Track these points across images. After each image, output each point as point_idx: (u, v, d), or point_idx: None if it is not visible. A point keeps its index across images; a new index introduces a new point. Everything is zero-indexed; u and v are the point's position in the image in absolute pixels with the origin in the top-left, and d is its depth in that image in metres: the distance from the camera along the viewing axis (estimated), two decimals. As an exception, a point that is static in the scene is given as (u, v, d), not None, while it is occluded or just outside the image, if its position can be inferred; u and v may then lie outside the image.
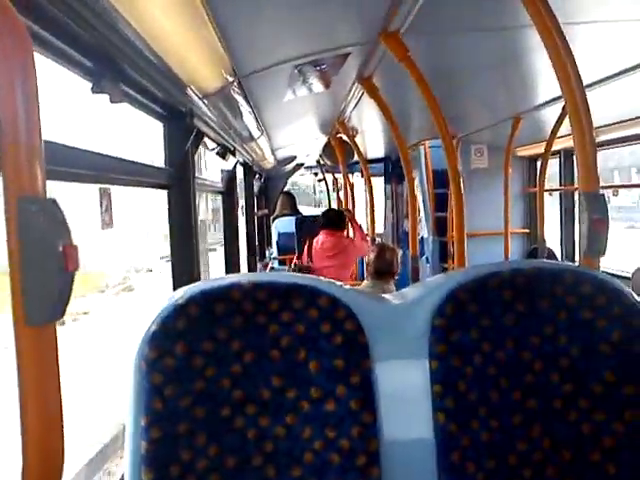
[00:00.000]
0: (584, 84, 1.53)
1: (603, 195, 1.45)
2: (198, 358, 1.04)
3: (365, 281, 3.41)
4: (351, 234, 5.13)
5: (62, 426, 0.80)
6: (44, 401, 0.77)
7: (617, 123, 3.65)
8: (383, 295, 1.21)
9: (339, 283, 1.16)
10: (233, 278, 1.10)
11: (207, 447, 1.03)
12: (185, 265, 2.05)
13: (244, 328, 1.06)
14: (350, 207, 6.19)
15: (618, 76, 2.65)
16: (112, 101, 1.47)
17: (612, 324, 1.08)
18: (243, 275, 1.13)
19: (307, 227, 6.31)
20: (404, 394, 1.08)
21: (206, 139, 2.71)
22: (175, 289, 1.14)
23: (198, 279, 2.06)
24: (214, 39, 1.71)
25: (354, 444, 1.05)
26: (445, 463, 1.06)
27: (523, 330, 1.09)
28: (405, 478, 1.07)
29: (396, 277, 3.29)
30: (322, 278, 1.16)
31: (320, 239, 4.69)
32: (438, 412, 1.07)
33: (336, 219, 4.72)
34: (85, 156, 1.34)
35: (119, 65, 1.42)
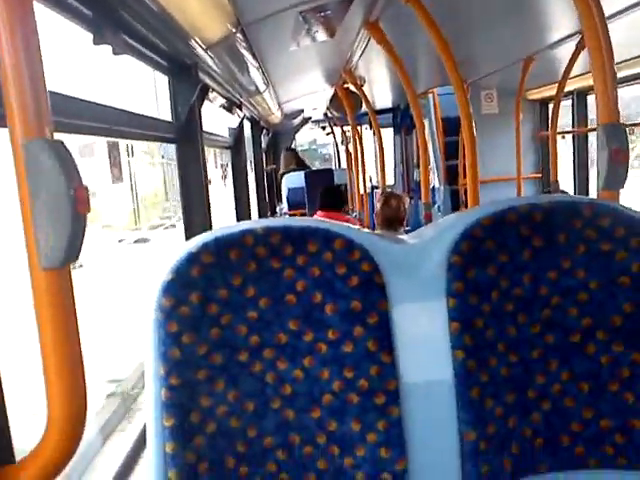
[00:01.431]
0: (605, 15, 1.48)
1: (623, 125, 1.42)
2: (214, 305, 1.04)
3: (375, 231, 3.41)
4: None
5: (83, 368, 0.81)
6: (63, 344, 0.78)
7: (635, 58, 3.55)
8: (398, 236, 1.20)
9: (354, 226, 1.15)
10: (246, 224, 1.09)
11: (226, 392, 1.04)
12: (197, 217, 2.06)
13: (259, 274, 1.06)
14: (359, 159, 6.13)
15: (636, 7, 2.56)
16: (115, 53, 1.45)
17: (631, 255, 1.07)
18: (256, 221, 1.12)
19: (316, 181, 6.29)
20: (422, 333, 1.09)
21: (212, 94, 2.67)
22: (187, 240, 1.14)
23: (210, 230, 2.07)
24: (215, -15, 1.67)
25: (373, 384, 1.06)
26: (464, 399, 1.06)
27: (541, 265, 1.08)
28: (425, 416, 1.08)
29: (405, 225, 3.28)
30: (336, 221, 1.15)
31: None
32: (456, 350, 1.07)
33: (335, 197, 4.46)
34: (91, 108, 1.33)
35: (120, 14, 1.39)
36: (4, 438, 0.86)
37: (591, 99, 4.89)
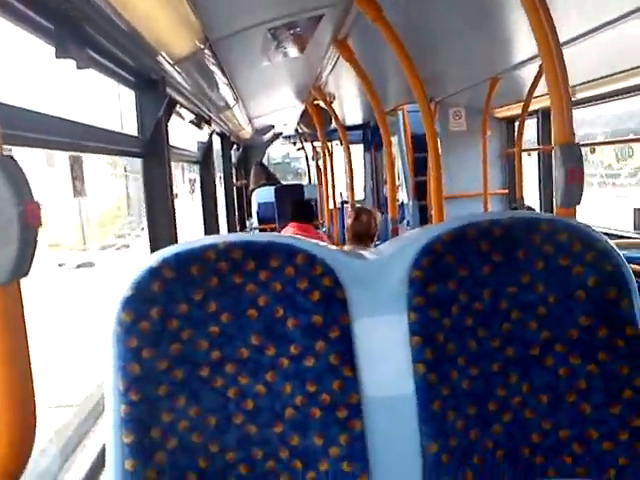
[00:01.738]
0: (560, 41, 1.53)
1: (578, 145, 1.46)
2: (174, 320, 1.03)
3: (345, 246, 3.42)
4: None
5: (32, 384, 0.79)
6: (11, 359, 0.76)
7: (591, 81, 3.65)
8: (360, 251, 1.21)
9: (316, 241, 1.16)
10: (208, 239, 1.09)
11: (187, 408, 1.04)
12: (162, 231, 2.04)
13: (220, 289, 1.05)
14: (329, 175, 6.17)
15: (593, 33, 2.64)
16: (79, 67, 1.44)
17: (587, 270, 1.10)
18: (219, 236, 1.12)
19: (286, 196, 6.30)
20: (384, 347, 1.09)
21: (180, 109, 2.67)
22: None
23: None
24: (183, 1, 1.68)
25: (335, 398, 1.06)
26: (426, 413, 1.07)
27: (500, 280, 1.10)
28: (387, 429, 1.08)
29: (375, 240, 3.30)
30: (299, 237, 1.15)
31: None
32: (417, 364, 1.08)
33: (306, 210, 4.60)
34: (52, 122, 1.32)
35: (84, 28, 1.38)
36: None
37: (555, 118, 5.00)
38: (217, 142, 4.63)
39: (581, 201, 1.45)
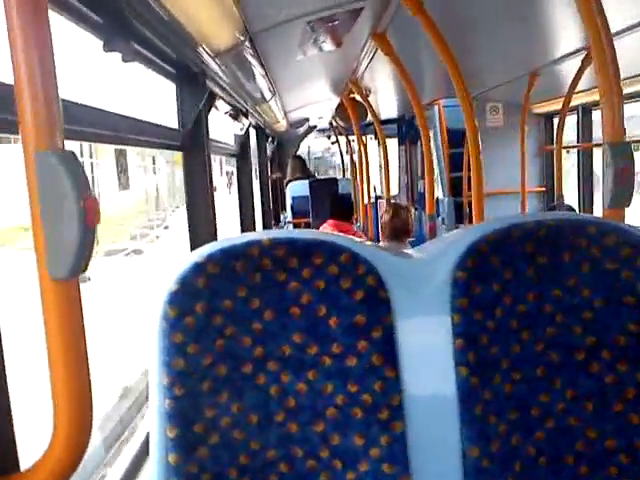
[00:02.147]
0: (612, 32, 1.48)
1: (629, 144, 1.41)
2: (218, 316, 1.04)
3: (381, 243, 3.41)
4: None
5: (89, 378, 0.80)
6: (70, 353, 0.78)
7: None
8: (403, 250, 1.20)
9: (359, 239, 1.15)
10: (252, 236, 1.09)
11: (230, 404, 1.04)
12: (202, 226, 2.06)
13: (264, 285, 1.06)
14: (364, 169, 6.14)
15: None
16: (124, 60, 1.45)
17: (637, 275, 1.07)
18: (262, 232, 1.12)
19: (320, 190, 6.29)
20: (426, 348, 1.08)
21: (218, 101, 2.68)
22: (192, 250, 1.14)
23: (215, 239, 2.07)
24: (225, -6, 1.68)
25: (377, 398, 1.06)
26: (467, 416, 1.06)
27: (545, 283, 1.08)
28: (428, 432, 1.07)
29: (411, 237, 3.28)
30: (341, 234, 1.15)
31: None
32: (460, 366, 1.06)
33: (345, 208, 4.48)
34: (98, 114, 1.33)
35: (130, 22, 1.39)
36: (9, 446, 0.86)
37: (596, 114, 4.91)
38: (252, 135, 4.65)
39: (631, 203, 1.41)
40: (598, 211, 4.75)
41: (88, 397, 0.80)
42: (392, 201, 4.94)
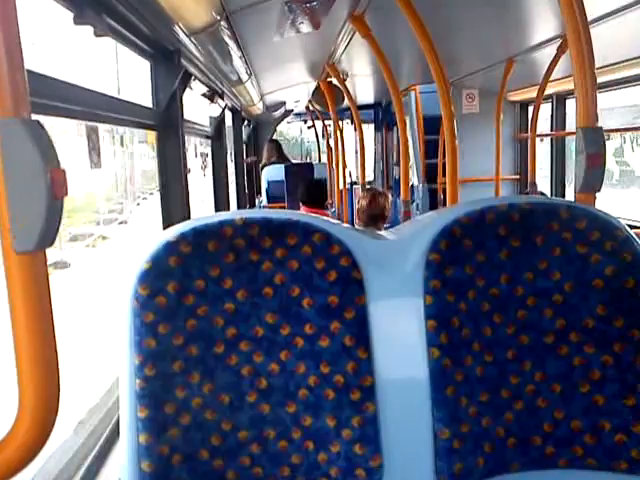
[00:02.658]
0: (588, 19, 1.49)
1: (601, 129, 1.43)
2: (190, 296, 1.03)
3: (356, 227, 3.41)
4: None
5: (56, 354, 0.79)
6: (36, 329, 0.76)
7: (616, 64, 3.59)
8: (377, 232, 1.20)
9: (333, 220, 1.14)
10: (225, 215, 1.08)
11: (201, 384, 1.03)
12: (175, 207, 2.03)
13: (237, 265, 1.05)
14: (340, 154, 6.12)
15: (621, 12, 2.59)
16: (96, 34, 1.42)
17: (606, 258, 1.09)
18: (235, 212, 1.11)
19: (296, 174, 6.26)
20: (399, 330, 1.09)
21: (194, 82, 2.64)
22: (165, 229, 1.12)
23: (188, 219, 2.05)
24: (201, -30, 1.65)
25: (349, 380, 1.06)
26: (439, 398, 1.07)
27: (517, 266, 1.09)
28: (400, 413, 1.08)
29: (387, 222, 3.28)
30: (316, 215, 1.14)
31: None
32: (432, 348, 1.07)
33: (318, 193, 4.37)
34: (72, 90, 1.30)
35: None
36: None
37: (570, 103, 4.95)
38: (228, 118, 4.60)
39: (601, 188, 1.43)
40: (570, 199, 4.80)
41: (55, 373, 0.78)
42: (368, 187, 4.93)
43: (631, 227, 1.14)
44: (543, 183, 5.15)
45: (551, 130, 5.06)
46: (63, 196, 0.73)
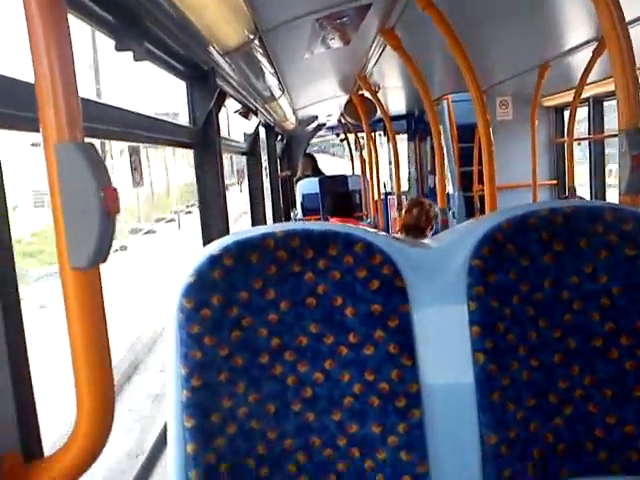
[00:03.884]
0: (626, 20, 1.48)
1: None
2: (235, 308, 1.05)
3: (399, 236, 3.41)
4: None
5: (111, 365, 0.82)
6: (92, 342, 0.79)
7: None
8: (419, 240, 1.20)
9: (373, 230, 1.16)
10: (266, 228, 1.10)
11: (247, 394, 1.05)
12: (214, 221, 2.07)
13: (279, 277, 1.06)
14: (374, 165, 6.13)
15: None
16: (136, 59, 1.47)
17: None
18: (276, 225, 1.13)
19: (330, 187, 6.29)
20: (443, 336, 1.09)
21: (228, 99, 2.69)
22: (205, 245, 1.15)
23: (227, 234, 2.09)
24: (234, -8, 1.69)
25: (394, 387, 1.06)
26: (485, 403, 1.06)
27: (562, 270, 1.08)
28: (446, 419, 1.08)
29: (429, 233, 3.24)
30: (356, 226, 1.16)
31: None
32: (477, 353, 1.07)
33: (345, 204, 4.33)
34: (113, 112, 1.35)
35: (141, 21, 1.41)
36: (34, 433, 0.87)
37: (607, 106, 4.87)
38: (262, 133, 4.66)
39: None
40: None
41: (110, 387, 0.81)
42: (414, 198, 4.88)
43: None
44: (579, 189, 5.07)
45: (589, 134, 4.98)
46: (115, 212, 0.76)
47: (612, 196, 5.02)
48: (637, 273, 1.07)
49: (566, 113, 4.77)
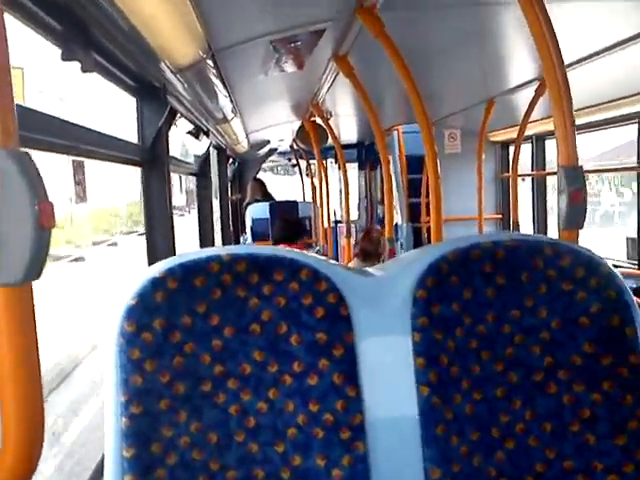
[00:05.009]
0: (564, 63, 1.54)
1: (581, 168, 1.46)
2: (177, 333, 1.01)
3: (351, 263, 3.42)
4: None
5: (41, 389, 0.77)
6: (21, 363, 0.74)
7: (593, 106, 3.69)
8: (364, 268, 1.19)
9: (320, 257, 1.14)
10: (211, 251, 1.07)
11: (189, 423, 1.01)
12: (160, 243, 2.02)
13: (224, 301, 1.03)
14: (324, 192, 6.17)
15: (596, 56, 2.67)
16: (83, 70, 1.43)
17: (591, 296, 1.09)
18: (222, 248, 1.10)
19: (280, 212, 6.29)
20: (387, 367, 1.07)
21: (179, 119, 2.66)
22: (150, 265, 1.11)
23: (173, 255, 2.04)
24: (189, 9, 1.67)
25: (338, 418, 1.04)
26: (429, 436, 1.05)
27: (504, 303, 1.09)
28: (390, 452, 1.06)
29: (381, 260, 3.29)
30: (303, 252, 1.14)
31: None
32: (421, 386, 1.06)
33: (291, 230, 4.27)
34: (58, 124, 1.30)
35: (90, 31, 1.37)
36: None
37: (549, 144, 5.06)
38: (213, 155, 4.63)
39: (584, 225, 1.45)
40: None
41: (39, 408, 0.76)
42: (369, 225, 4.91)
43: (615, 267, 1.15)
44: (523, 222, 5.22)
45: (532, 170, 5.15)
46: (51, 227, 0.72)
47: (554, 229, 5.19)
48: (574, 308, 1.09)
49: (512, 149, 4.93)
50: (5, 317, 0.72)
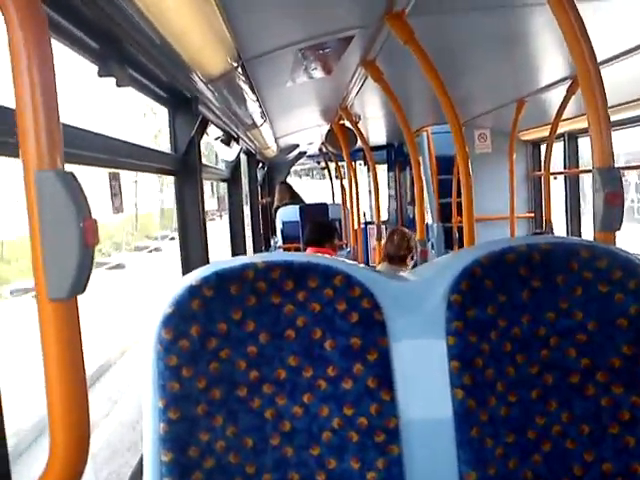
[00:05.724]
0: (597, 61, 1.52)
1: (617, 169, 1.44)
2: (213, 339, 1.04)
3: (379, 266, 3.42)
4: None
5: (87, 399, 0.79)
6: (68, 374, 0.77)
7: (628, 103, 3.62)
8: (399, 273, 1.20)
9: (353, 262, 1.15)
10: (246, 259, 1.09)
11: (225, 428, 1.03)
12: (194, 250, 2.05)
13: (259, 308, 1.05)
14: (354, 194, 6.17)
15: (629, 54, 2.62)
16: (118, 85, 1.47)
17: (628, 298, 1.08)
18: (256, 256, 1.12)
19: (310, 215, 6.31)
20: (422, 371, 1.08)
21: (210, 127, 2.70)
22: (184, 274, 1.14)
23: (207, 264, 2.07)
24: (218, 21, 1.70)
25: (373, 422, 1.05)
26: (464, 439, 1.05)
27: (539, 306, 1.09)
28: (425, 455, 1.06)
29: (410, 261, 3.26)
30: (337, 258, 1.15)
31: None
32: (456, 389, 1.06)
33: (321, 233, 4.08)
34: (95, 139, 1.34)
35: (125, 47, 1.41)
36: (2, 467, 0.84)
37: (582, 141, 4.98)
38: (243, 160, 4.68)
39: (621, 226, 1.43)
40: (586, 237, 4.80)
41: (85, 419, 0.79)
42: (395, 227, 4.87)
43: None
44: (558, 222, 5.14)
45: (564, 168, 5.08)
46: (94, 244, 0.75)
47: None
48: (611, 309, 1.08)
49: (543, 147, 4.87)
50: (53, 330, 0.76)
